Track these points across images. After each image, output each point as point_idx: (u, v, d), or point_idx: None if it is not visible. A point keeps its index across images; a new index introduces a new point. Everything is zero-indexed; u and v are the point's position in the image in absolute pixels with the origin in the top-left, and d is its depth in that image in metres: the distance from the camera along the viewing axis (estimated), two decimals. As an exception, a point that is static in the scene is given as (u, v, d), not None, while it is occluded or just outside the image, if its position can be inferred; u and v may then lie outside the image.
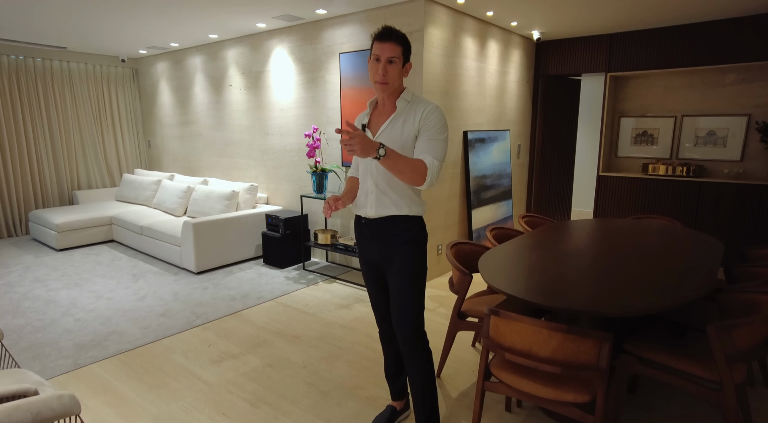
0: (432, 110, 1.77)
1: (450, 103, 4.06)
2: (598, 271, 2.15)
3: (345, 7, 3.88)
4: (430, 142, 1.74)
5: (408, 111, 1.80)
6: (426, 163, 1.68)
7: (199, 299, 3.74)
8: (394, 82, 1.75)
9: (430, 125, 1.75)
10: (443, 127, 1.78)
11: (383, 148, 1.58)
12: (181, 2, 3.73)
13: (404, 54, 1.75)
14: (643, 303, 1.78)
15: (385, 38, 1.71)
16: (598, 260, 2.34)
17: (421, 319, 1.89)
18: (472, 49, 4.26)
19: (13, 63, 5.64)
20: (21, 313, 3.46)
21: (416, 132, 1.77)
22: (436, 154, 1.73)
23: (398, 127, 1.79)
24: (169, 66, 6.19)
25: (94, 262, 4.74)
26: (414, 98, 1.83)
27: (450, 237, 4.34)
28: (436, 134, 1.75)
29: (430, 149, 1.73)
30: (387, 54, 1.71)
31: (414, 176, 1.66)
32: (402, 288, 1.85)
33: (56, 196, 6.17)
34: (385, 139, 1.81)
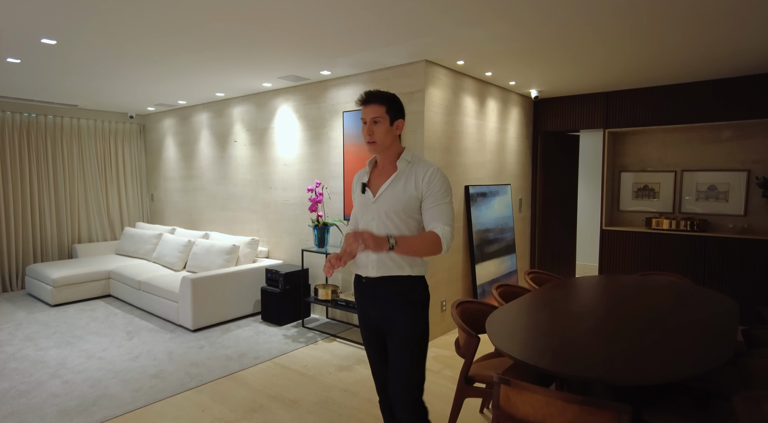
0: (434, 174, 1.78)
1: (451, 159, 4.11)
2: (610, 334, 2.06)
3: (348, 69, 4.03)
4: (438, 208, 1.75)
5: (409, 172, 1.82)
6: (438, 233, 1.70)
7: (194, 359, 3.59)
8: (382, 140, 1.80)
9: (435, 190, 1.77)
10: (447, 190, 1.80)
11: (392, 238, 1.64)
12: (191, 64, 3.87)
13: (389, 112, 1.79)
14: (661, 370, 1.68)
15: (367, 102, 1.79)
16: (609, 321, 2.25)
17: (422, 390, 1.81)
18: (472, 108, 4.37)
19: (25, 120, 5.80)
20: (6, 376, 3.30)
21: (418, 194, 1.79)
22: (446, 220, 1.74)
23: (399, 187, 1.80)
24: (175, 122, 6.35)
25: (88, 319, 4.61)
26: (414, 158, 1.85)
27: (453, 293, 4.25)
28: (441, 199, 1.77)
29: (439, 216, 1.75)
30: (370, 115, 1.78)
31: (430, 251, 1.70)
32: (402, 354, 1.79)
33: (56, 249, 6.12)
34: (386, 199, 1.82)
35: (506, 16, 2.78)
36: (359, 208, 1.93)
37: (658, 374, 1.65)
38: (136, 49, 3.45)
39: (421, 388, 1.81)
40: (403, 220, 1.81)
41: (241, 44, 3.31)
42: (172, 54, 3.56)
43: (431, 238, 1.69)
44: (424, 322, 1.83)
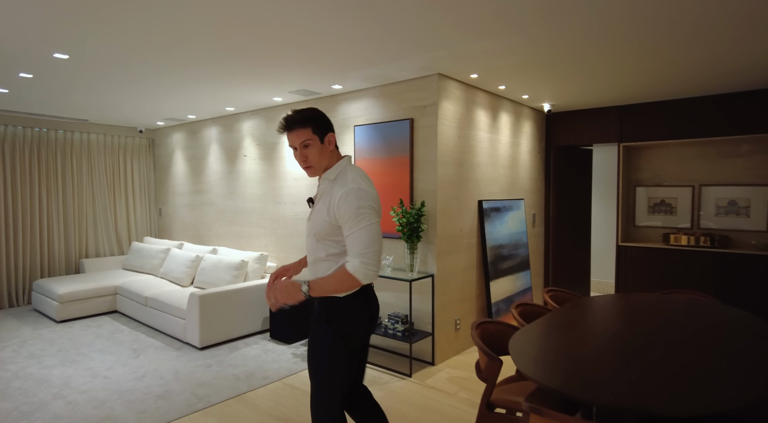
0: (343, 197, 1.67)
1: (464, 173, 4.03)
2: (639, 358, 1.95)
3: (360, 83, 3.99)
4: (351, 238, 1.68)
5: (329, 191, 1.76)
6: (347, 269, 1.65)
7: (201, 379, 3.49)
8: (318, 162, 1.76)
9: (344, 217, 1.68)
10: (360, 213, 1.67)
11: (305, 285, 1.65)
12: (201, 79, 3.85)
13: (316, 132, 1.74)
14: (702, 400, 1.57)
15: (289, 128, 1.75)
16: (636, 344, 2.14)
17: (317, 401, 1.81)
18: (485, 121, 4.31)
19: (36, 135, 5.81)
20: (9, 396, 3.22)
21: (331, 220, 1.72)
22: (359, 249, 1.66)
23: (322, 209, 1.76)
24: (184, 136, 6.34)
25: (94, 335, 4.53)
26: (339, 175, 1.77)
27: (467, 310, 4.13)
28: (353, 225, 1.67)
29: (351, 246, 1.67)
30: (298, 141, 1.74)
31: (348, 287, 1.68)
32: (311, 362, 1.82)
33: (63, 264, 6.08)
34: (313, 220, 1.80)
35: (519, 30, 2.73)
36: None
37: (698, 405, 1.54)
38: (146, 64, 3.43)
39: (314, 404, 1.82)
40: (321, 242, 1.79)
41: (252, 58, 3.29)
42: (182, 68, 3.54)
43: (343, 277, 1.66)
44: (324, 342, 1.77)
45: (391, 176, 3.94)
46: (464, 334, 4.11)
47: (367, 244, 1.66)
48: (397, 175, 3.90)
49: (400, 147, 3.88)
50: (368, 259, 1.65)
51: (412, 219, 3.55)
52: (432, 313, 3.75)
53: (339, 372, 1.78)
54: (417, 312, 3.85)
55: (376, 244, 1.68)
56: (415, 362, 3.82)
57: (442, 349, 3.83)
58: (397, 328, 3.66)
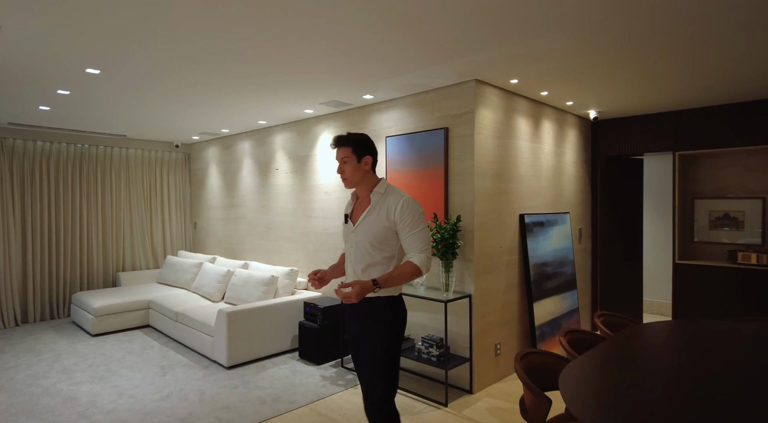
0: (404, 206, 2.01)
1: (504, 186, 3.76)
2: (711, 401, 1.62)
3: (392, 92, 3.82)
4: (412, 237, 2.00)
5: (381, 203, 2.06)
6: (415, 263, 1.97)
7: (226, 401, 3.34)
8: (351, 176, 2.09)
9: (406, 222, 2.00)
10: (419, 218, 2.02)
11: (375, 284, 1.91)
12: (234, 92, 3.79)
13: (355, 152, 2.07)
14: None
15: (336, 145, 2.11)
16: (708, 384, 1.80)
17: (386, 395, 2.01)
18: (526, 130, 4.04)
19: (78, 151, 5.97)
20: (36, 414, 3.17)
21: (390, 225, 2.03)
22: (421, 247, 1.99)
23: (372, 218, 2.05)
24: (219, 151, 6.37)
25: (125, 351, 4.50)
26: (388, 190, 2.09)
27: (508, 334, 3.82)
28: (413, 227, 2.00)
29: (414, 244, 2.00)
30: (339, 156, 2.09)
31: (412, 278, 1.99)
32: (369, 362, 2.03)
33: (101, 277, 6.17)
34: (363, 229, 2.07)
35: (564, 30, 2.47)
36: (344, 237, 2.20)
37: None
38: (178, 78, 3.39)
39: (387, 393, 2.02)
40: (376, 249, 2.05)
41: (283, 70, 3.18)
42: (214, 82, 3.48)
43: (409, 270, 1.97)
44: (391, 335, 2.04)
45: (425, 189, 3.73)
46: (505, 360, 3.79)
47: (427, 242, 2.01)
48: (431, 188, 3.68)
49: (433, 158, 3.66)
50: (429, 253, 2.01)
51: (447, 234, 3.31)
52: (470, 336, 3.47)
53: (398, 363, 2.08)
54: (453, 335, 3.58)
55: (430, 243, 2.05)
56: (451, 390, 3.54)
57: (481, 376, 3.54)
58: (431, 353, 3.40)
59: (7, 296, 5.39)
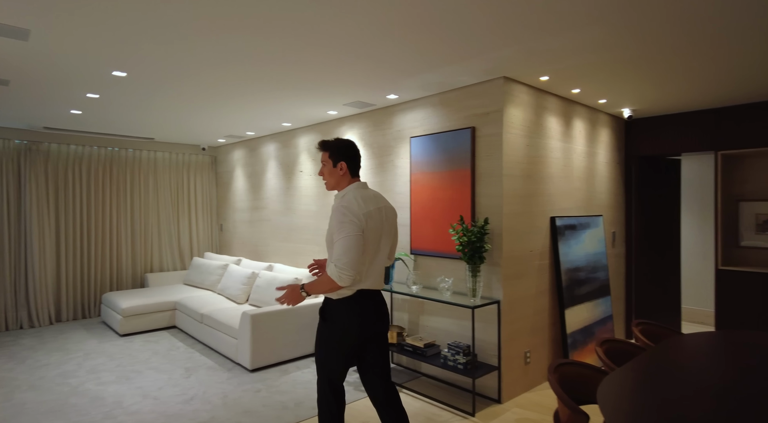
0: (332, 212, 2.12)
1: (534, 187, 3.62)
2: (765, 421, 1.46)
3: (417, 92, 3.73)
4: (334, 247, 2.07)
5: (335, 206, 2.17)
6: (327, 272, 2.06)
7: (248, 405, 3.30)
8: (328, 179, 2.25)
9: (331, 229, 2.11)
10: (341, 226, 2.06)
11: (302, 289, 2.13)
12: (257, 94, 3.78)
13: (332, 157, 2.22)
14: None
15: (319, 149, 2.28)
16: (761, 401, 1.63)
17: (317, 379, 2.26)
18: (556, 129, 3.88)
19: (108, 154, 6.10)
20: (64, 413, 3.20)
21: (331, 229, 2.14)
22: (336, 256, 2.04)
23: (330, 221, 2.17)
24: (244, 153, 6.40)
25: (151, 352, 4.54)
26: (342, 196, 2.18)
27: (539, 342, 3.66)
28: (335, 236, 2.07)
29: (333, 254, 2.07)
30: (321, 159, 2.26)
31: (329, 288, 2.08)
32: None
33: (130, 278, 6.28)
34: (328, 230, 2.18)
35: (599, 21, 2.33)
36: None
37: None
38: (202, 81, 3.39)
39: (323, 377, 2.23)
40: (330, 250, 2.15)
41: (307, 71, 3.13)
42: (239, 84, 3.47)
43: (326, 279, 2.06)
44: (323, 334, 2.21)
45: (451, 190, 3.62)
46: (535, 369, 3.64)
47: (343, 253, 2.03)
48: (457, 190, 3.57)
49: (459, 158, 3.55)
50: (341, 264, 2.02)
51: (474, 238, 3.19)
52: (498, 344, 3.33)
53: (329, 360, 2.19)
54: (480, 342, 3.45)
55: (351, 252, 2.03)
56: (478, 399, 3.41)
57: (510, 385, 3.40)
58: (457, 360, 3.28)
59: (41, 295, 5.54)
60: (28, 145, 5.50)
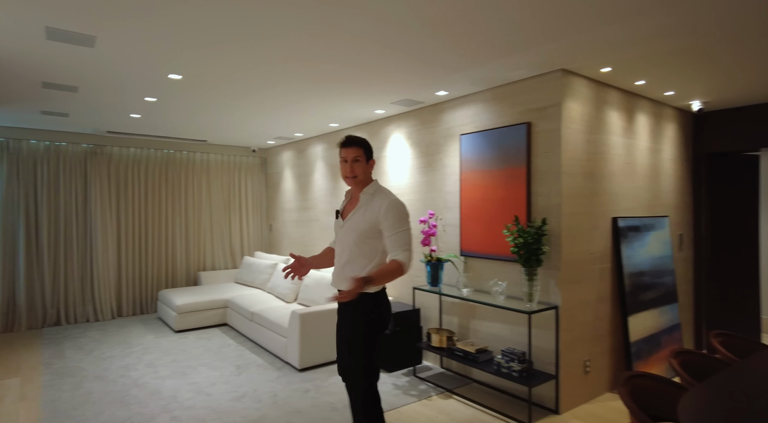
0: (388, 207, 2.11)
1: (595, 186, 3.40)
2: None
3: (468, 87, 3.61)
4: (395, 237, 2.09)
5: (369, 203, 2.19)
6: (399, 260, 2.04)
7: (297, 406, 3.30)
8: (361, 175, 2.20)
9: (390, 222, 2.11)
10: (402, 218, 2.12)
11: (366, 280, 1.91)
12: (310, 97, 3.79)
13: (366, 153, 2.22)
14: None
15: (348, 144, 2.20)
16: None
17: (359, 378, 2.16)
18: (618, 124, 3.64)
19: (164, 156, 6.36)
20: (126, 404, 3.33)
21: (375, 224, 2.14)
22: (404, 245, 2.08)
23: (359, 216, 2.18)
24: (293, 155, 6.49)
25: (203, 349, 4.66)
26: (376, 191, 2.21)
27: (599, 351, 3.44)
28: (397, 228, 2.10)
29: (397, 243, 2.09)
30: (351, 155, 2.19)
31: (397, 276, 2.03)
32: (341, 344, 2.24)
33: (184, 276, 6.51)
34: (350, 226, 2.20)
35: (670, 5, 2.13)
36: (335, 230, 2.32)
37: None
38: (252, 81, 3.43)
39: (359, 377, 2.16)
40: (359, 246, 2.18)
41: (355, 69, 3.09)
42: (288, 84, 3.49)
43: (394, 267, 2.03)
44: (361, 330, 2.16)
45: (504, 190, 3.47)
46: (595, 379, 3.42)
47: (409, 242, 2.11)
48: (511, 189, 3.41)
49: (514, 156, 3.39)
50: (410, 252, 2.09)
51: (531, 239, 3.03)
52: (556, 351, 3.16)
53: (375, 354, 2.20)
54: (536, 349, 3.28)
55: (412, 243, 2.15)
56: (534, 409, 3.24)
57: (569, 396, 3.20)
58: (512, 367, 3.13)
59: (105, 291, 5.84)
60: (93, 149, 5.82)
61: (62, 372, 3.99)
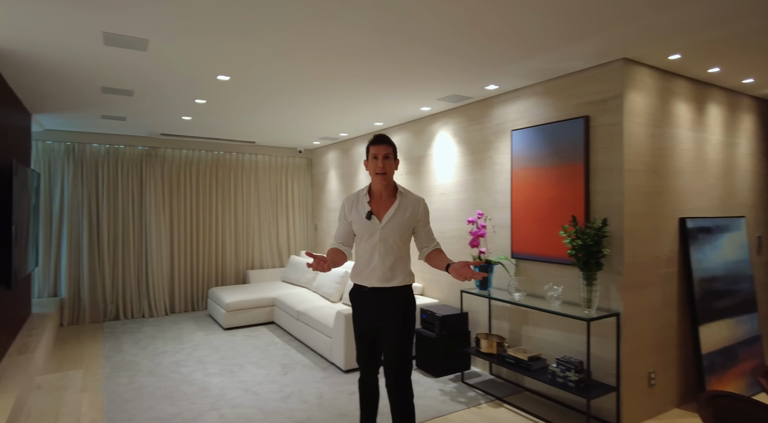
0: (424, 205, 2.41)
1: (660, 183, 3.14)
2: None
3: (520, 80, 3.43)
4: (429, 230, 2.43)
5: (406, 201, 2.37)
6: (439, 246, 2.43)
7: (342, 408, 3.25)
8: (389, 173, 2.33)
9: (426, 219, 2.41)
10: (428, 216, 2.45)
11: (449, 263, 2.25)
12: (356, 95, 3.74)
13: (394, 153, 2.36)
14: None
15: (380, 142, 2.33)
16: None
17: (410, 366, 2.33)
18: (686, 117, 3.34)
19: (214, 158, 6.54)
20: (176, 400, 3.40)
21: (415, 221, 2.37)
22: (433, 236, 2.44)
23: (401, 214, 2.34)
24: (338, 155, 6.49)
25: (251, 346, 4.73)
26: (404, 190, 2.40)
27: (666, 362, 3.17)
28: (428, 222, 2.43)
29: (431, 235, 2.43)
30: (383, 152, 2.31)
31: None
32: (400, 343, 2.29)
33: (233, 274, 6.67)
34: (392, 225, 2.33)
35: (771, -29, 1.89)
36: (365, 231, 2.34)
37: None
38: (298, 78, 3.41)
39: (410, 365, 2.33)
40: (405, 241, 2.37)
41: (401, 63, 3.00)
42: (334, 82, 3.45)
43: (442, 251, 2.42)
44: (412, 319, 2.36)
45: (560, 188, 3.27)
46: (662, 393, 3.15)
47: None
48: (567, 187, 3.21)
49: (570, 152, 3.19)
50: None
51: (590, 241, 2.82)
52: (617, 362, 2.93)
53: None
54: (595, 359, 3.07)
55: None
56: (593, 422, 3.03)
57: (631, 410, 2.97)
58: (568, 377, 2.94)
59: (159, 288, 6.07)
60: (148, 151, 6.07)
61: (119, 365, 4.16)
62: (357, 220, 2.37)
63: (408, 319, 2.32)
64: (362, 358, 2.42)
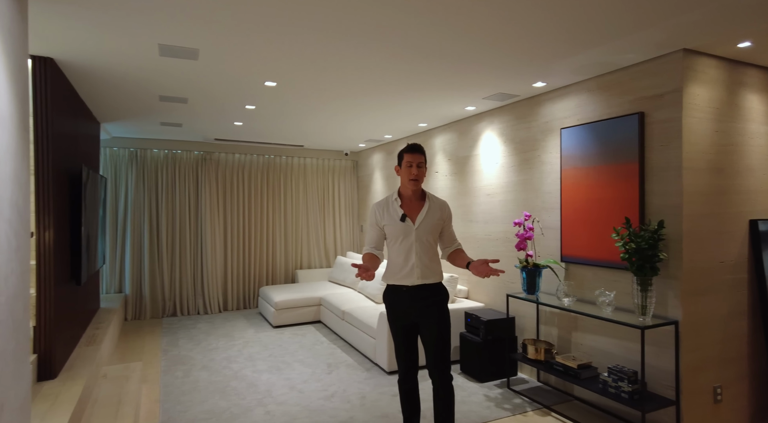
0: (449, 208, 2.63)
1: (726, 183, 2.90)
2: None
3: (568, 77, 3.30)
4: (452, 231, 2.63)
5: (434, 204, 2.55)
6: (461, 247, 2.64)
7: (385, 410, 3.25)
8: (422, 179, 2.51)
9: (450, 220, 2.61)
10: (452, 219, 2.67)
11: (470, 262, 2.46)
12: (401, 96, 3.75)
13: (425, 161, 2.52)
14: None
15: (415, 151, 2.49)
16: None
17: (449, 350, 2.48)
18: (758, 109, 3.08)
19: (265, 161, 6.77)
20: (227, 395, 3.54)
21: (442, 222, 2.55)
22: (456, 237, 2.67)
23: (431, 216, 2.52)
24: (382, 157, 6.52)
25: (298, 345, 4.84)
26: (430, 194, 2.58)
27: (734, 376, 2.92)
28: (451, 224, 2.64)
29: (453, 236, 2.64)
30: (417, 160, 2.48)
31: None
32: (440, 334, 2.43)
33: (282, 274, 6.87)
34: (425, 226, 2.49)
35: None
36: (401, 233, 2.48)
37: None
38: (343, 81, 3.46)
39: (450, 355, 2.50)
40: (431, 240, 2.51)
41: (446, 63, 2.97)
42: (380, 83, 3.47)
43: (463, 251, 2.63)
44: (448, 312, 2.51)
45: (612, 188, 3.10)
46: (729, 410, 2.91)
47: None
48: (620, 187, 3.04)
49: (623, 150, 3.02)
50: None
51: (645, 244, 2.66)
52: (675, 373, 2.74)
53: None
54: (651, 369, 2.88)
55: None
56: (648, 437, 2.85)
57: (693, 427, 2.76)
58: (621, 388, 2.78)
59: (213, 287, 6.36)
60: (203, 155, 6.37)
61: (176, 359, 4.39)
62: (390, 223, 2.50)
63: (444, 311, 2.48)
64: (400, 352, 2.53)
